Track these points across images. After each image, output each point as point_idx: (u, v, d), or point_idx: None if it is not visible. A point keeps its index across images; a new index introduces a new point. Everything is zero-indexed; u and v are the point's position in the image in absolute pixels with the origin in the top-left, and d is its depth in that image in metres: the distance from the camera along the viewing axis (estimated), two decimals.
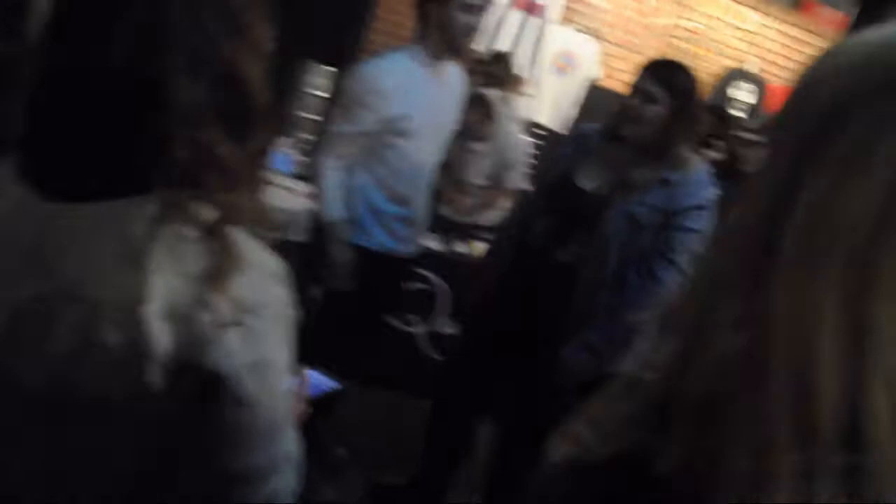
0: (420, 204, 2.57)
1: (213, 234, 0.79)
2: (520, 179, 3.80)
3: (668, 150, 2.14)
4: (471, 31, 2.35)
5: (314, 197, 2.64)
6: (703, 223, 2.10)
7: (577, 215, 2.19)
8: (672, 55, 5.57)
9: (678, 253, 2.10)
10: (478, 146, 3.74)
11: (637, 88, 2.16)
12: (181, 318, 0.76)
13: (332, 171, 2.48)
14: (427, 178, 2.55)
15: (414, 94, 2.38)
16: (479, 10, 2.34)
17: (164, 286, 0.76)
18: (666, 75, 2.15)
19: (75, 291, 0.77)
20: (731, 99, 5.63)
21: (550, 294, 2.20)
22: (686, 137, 2.17)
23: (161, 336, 0.75)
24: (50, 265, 0.79)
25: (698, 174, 2.16)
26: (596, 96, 5.46)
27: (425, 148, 2.48)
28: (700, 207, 2.10)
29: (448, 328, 3.41)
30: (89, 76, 0.78)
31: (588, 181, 2.23)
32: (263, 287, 0.82)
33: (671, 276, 2.08)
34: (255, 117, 0.84)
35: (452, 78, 2.53)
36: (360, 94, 2.38)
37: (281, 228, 3.29)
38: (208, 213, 0.79)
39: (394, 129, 2.40)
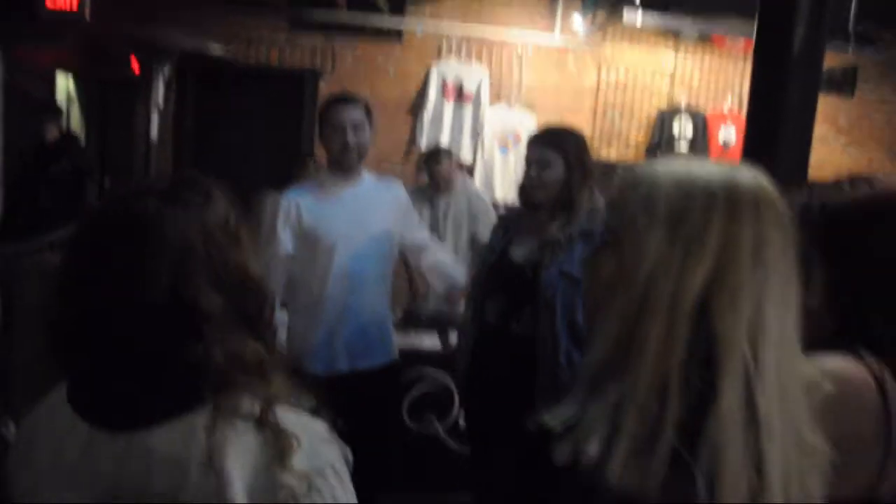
0: (363, 315, 2.57)
1: (262, 423, 0.91)
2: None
3: (574, 204, 2.30)
4: (347, 147, 2.52)
5: None
6: None
7: (520, 288, 2.31)
8: (605, 110, 5.88)
9: None
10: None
11: (530, 159, 2.35)
12: (264, 498, 0.88)
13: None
14: (363, 289, 2.56)
15: (325, 214, 2.54)
16: (348, 127, 2.50)
17: (239, 474, 0.88)
18: (554, 139, 2.36)
19: (169, 499, 0.88)
20: (674, 136, 5.85)
21: (514, 366, 2.31)
22: (587, 189, 2.34)
23: None
24: (138, 488, 0.89)
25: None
26: None
27: (346, 263, 2.53)
28: None
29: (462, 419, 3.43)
30: (134, 311, 0.91)
31: (520, 254, 2.38)
32: (318, 451, 0.94)
33: None
34: (265, 307, 1.00)
35: (367, 189, 2.63)
36: (277, 224, 2.56)
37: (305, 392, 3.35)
38: (254, 406, 0.92)
39: (311, 247, 2.54)
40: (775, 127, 2.73)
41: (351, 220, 2.55)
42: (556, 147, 2.33)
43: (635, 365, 0.81)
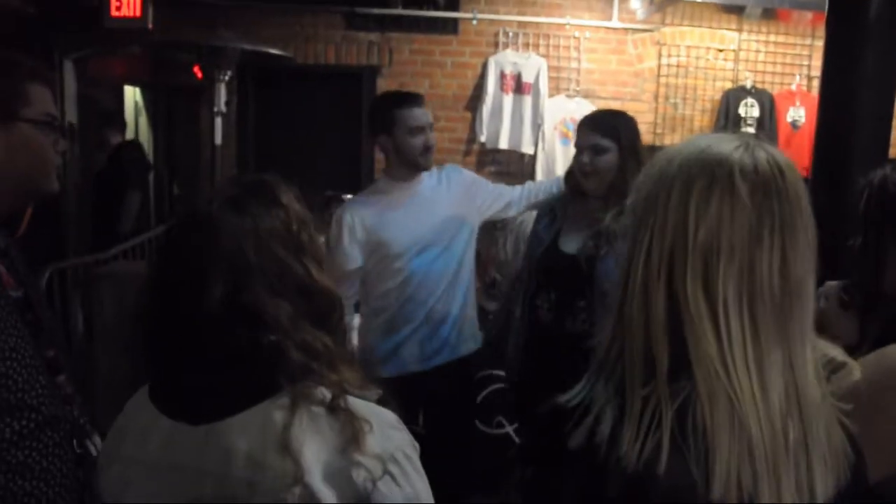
0: (436, 315, 2.56)
1: (335, 409, 0.96)
2: None
3: (628, 193, 2.19)
4: (430, 149, 2.53)
5: None
6: None
7: (574, 282, 2.22)
8: (667, 95, 5.75)
9: None
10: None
11: (582, 145, 2.27)
12: (341, 480, 0.93)
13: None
14: (435, 289, 2.55)
15: (392, 223, 2.52)
16: (427, 128, 2.52)
17: (316, 458, 0.92)
18: (607, 124, 2.29)
19: (249, 484, 0.92)
20: (741, 118, 5.68)
21: (571, 367, 2.22)
22: (639, 170, 2.23)
23: (329, 495, 0.92)
24: (219, 475, 0.94)
25: None
26: None
27: (420, 268, 2.53)
28: None
29: None
30: (198, 315, 0.96)
31: (571, 245, 2.29)
32: (390, 437, 0.99)
33: None
34: (334, 310, 1.05)
35: (427, 188, 2.61)
36: (336, 236, 2.54)
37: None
38: (326, 393, 0.97)
39: (380, 257, 2.52)
40: (851, 103, 2.61)
41: (418, 225, 2.53)
42: (609, 133, 2.27)
43: (629, 348, 0.87)
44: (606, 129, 2.27)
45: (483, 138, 5.66)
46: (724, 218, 0.84)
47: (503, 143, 5.66)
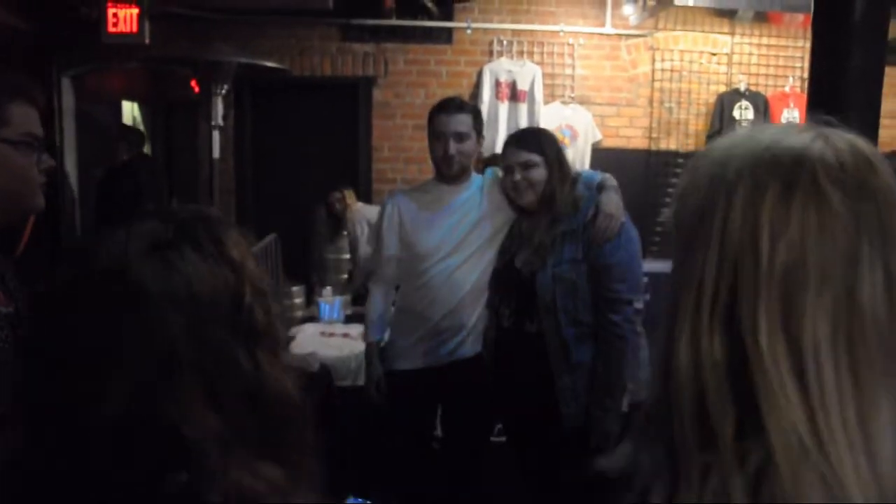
0: (452, 322, 2.59)
1: None
2: None
3: (556, 204, 2.34)
4: (449, 157, 2.51)
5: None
6: (620, 245, 2.29)
7: (527, 293, 2.37)
8: (661, 99, 5.78)
9: (616, 291, 2.28)
10: None
11: (512, 163, 2.38)
12: None
13: (377, 297, 2.69)
14: (453, 297, 2.57)
15: (424, 223, 2.58)
16: (451, 137, 2.49)
17: None
18: (532, 141, 2.42)
19: None
20: (736, 120, 5.71)
21: (534, 363, 2.36)
22: (566, 187, 2.37)
23: None
24: None
25: (586, 205, 2.33)
26: (602, 157, 5.59)
27: (444, 273, 2.56)
28: (608, 239, 2.29)
29: None
30: (85, 427, 0.65)
31: (521, 259, 2.43)
32: None
33: (622, 315, 2.27)
34: (290, 423, 0.74)
35: (467, 195, 2.60)
36: (382, 227, 2.66)
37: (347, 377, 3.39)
38: None
39: (412, 255, 2.59)
40: (838, 104, 2.63)
41: (451, 231, 2.55)
42: (535, 148, 2.38)
43: (678, 407, 0.66)
44: (532, 145, 2.39)
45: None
46: (811, 233, 0.64)
47: (499, 151, 5.66)
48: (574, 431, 2.30)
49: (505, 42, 5.73)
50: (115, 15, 4.70)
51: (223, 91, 4.67)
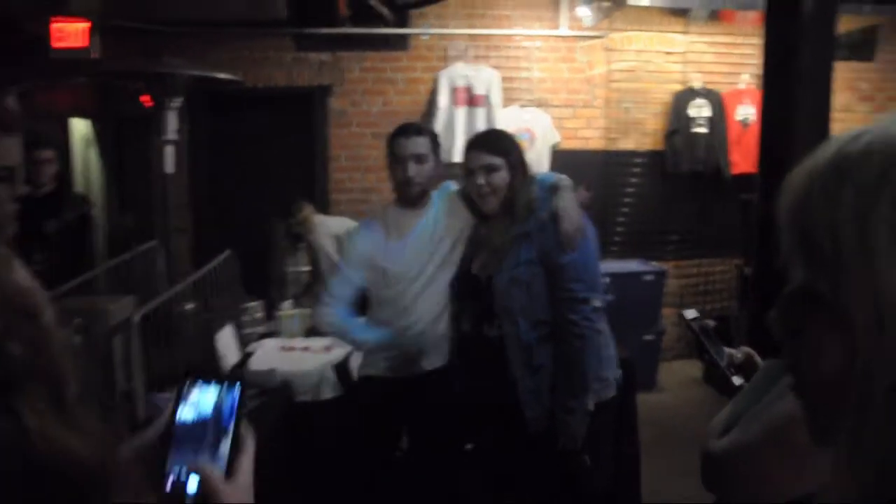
0: (425, 328, 2.61)
1: None
2: None
3: (515, 207, 2.34)
4: (408, 179, 2.56)
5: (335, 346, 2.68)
6: (579, 249, 2.27)
7: (484, 298, 2.36)
8: (619, 99, 5.81)
9: (571, 290, 2.26)
10: None
11: (475, 166, 2.36)
12: None
13: (330, 310, 2.66)
14: (428, 307, 2.60)
15: (392, 252, 2.61)
16: (410, 159, 2.54)
17: None
18: (495, 143, 2.40)
19: None
20: (692, 118, 5.76)
21: (494, 367, 2.35)
22: (525, 186, 2.36)
23: None
24: None
25: (540, 207, 2.32)
26: (561, 159, 5.59)
27: (420, 299, 2.59)
28: (559, 241, 2.27)
29: None
30: None
31: (477, 264, 2.44)
32: None
33: (580, 314, 2.25)
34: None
35: (426, 219, 2.63)
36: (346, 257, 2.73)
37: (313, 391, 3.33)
38: None
39: (379, 280, 2.63)
40: (791, 98, 2.65)
41: (417, 255, 2.58)
42: (498, 151, 2.36)
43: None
44: (495, 148, 2.37)
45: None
46: None
47: (457, 157, 5.56)
48: (540, 435, 2.29)
49: (461, 47, 5.70)
50: (60, 30, 4.56)
51: (176, 105, 4.58)
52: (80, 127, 5.67)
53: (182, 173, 5.38)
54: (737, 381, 1.63)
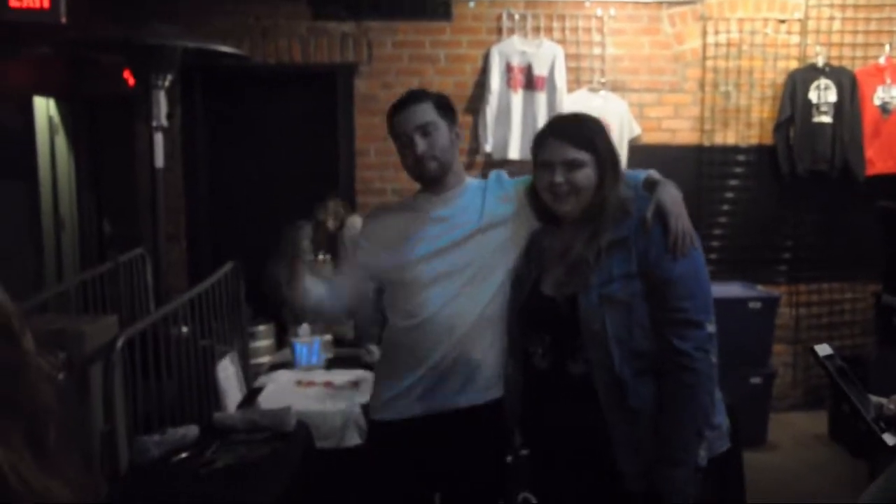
0: (452, 360, 2.55)
1: None
2: None
3: (604, 212, 2.25)
4: (419, 158, 2.52)
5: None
6: (687, 258, 2.20)
7: (565, 323, 2.27)
8: (716, 82, 5.72)
9: (683, 310, 2.18)
10: None
11: (553, 160, 2.28)
12: None
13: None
14: (459, 335, 2.54)
15: (405, 245, 2.58)
16: (414, 133, 2.51)
17: None
18: (580, 133, 2.30)
19: None
20: (813, 104, 5.67)
21: (581, 413, 2.27)
22: (617, 187, 2.28)
23: None
24: None
25: (637, 207, 2.25)
26: (642, 156, 5.50)
27: (438, 305, 2.54)
28: (667, 247, 2.20)
29: None
30: None
31: (550, 284, 2.36)
32: None
33: (692, 341, 2.16)
34: None
35: (455, 205, 2.61)
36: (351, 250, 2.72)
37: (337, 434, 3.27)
38: None
39: (395, 284, 2.61)
40: None
41: (441, 249, 2.54)
42: (584, 144, 2.28)
43: None
44: (580, 140, 2.29)
45: (489, 147, 5.65)
46: None
47: (513, 153, 5.63)
48: (638, 497, 2.20)
49: (517, 16, 5.70)
50: None
51: (166, 84, 4.60)
52: (43, 109, 5.70)
53: (175, 168, 5.44)
54: (890, 439, 1.51)
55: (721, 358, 2.29)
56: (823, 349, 1.64)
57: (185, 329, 3.61)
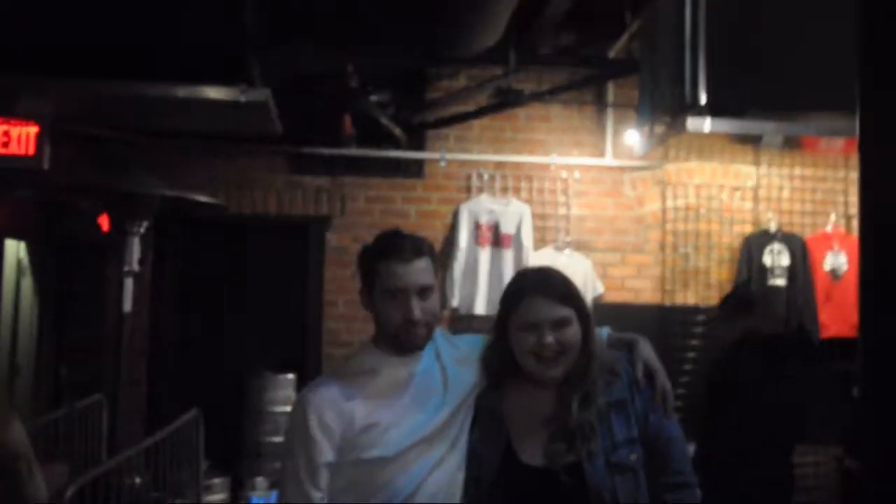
0: None
1: None
2: None
3: (590, 370, 2.13)
4: (413, 323, 2.18)
5: None
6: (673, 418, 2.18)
7: (550, 499, 2.11)
8: (676, 243, 5.84)
9: (684, 473, 2.15)
10: None
11: (541, 320, 2.12)
12: None
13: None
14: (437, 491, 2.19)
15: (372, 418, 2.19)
16: (413, 294, 2.18)
17: None
18: (562, 289, 2.15)
19: None
20: (767, 268, 5.77)
21: None
22: (597, 340, 2.21)
23: None
24: None
25: (625, 367, 2.19)
26: (605, 315, 5.54)
27: (413, 485, 2.18)
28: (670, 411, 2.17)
29: None
30: None
31: (534, 453, 2.15)
32: None
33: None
34: None
35: (423, 367, 2.27)
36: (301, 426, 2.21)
37: None
38: None
39: (356, 473, 2.18)
40: None
41: (417, 421, 2.20)
42: (567, 300, 2.13)
43: None
44: (566, 296, 2.14)
45: (455, 302, 5.67)
46: None
47: (479, 308, 5.66)
48: None
49: (486, 176, 5.86)
50: (4, 134, 4.63)
51: (141, 230, 4.61)
52: (14, 251, 5.68)
53: (142, 313, 5.39)
54: None
55: None
56: None
57: (137, 480, 3.52)
